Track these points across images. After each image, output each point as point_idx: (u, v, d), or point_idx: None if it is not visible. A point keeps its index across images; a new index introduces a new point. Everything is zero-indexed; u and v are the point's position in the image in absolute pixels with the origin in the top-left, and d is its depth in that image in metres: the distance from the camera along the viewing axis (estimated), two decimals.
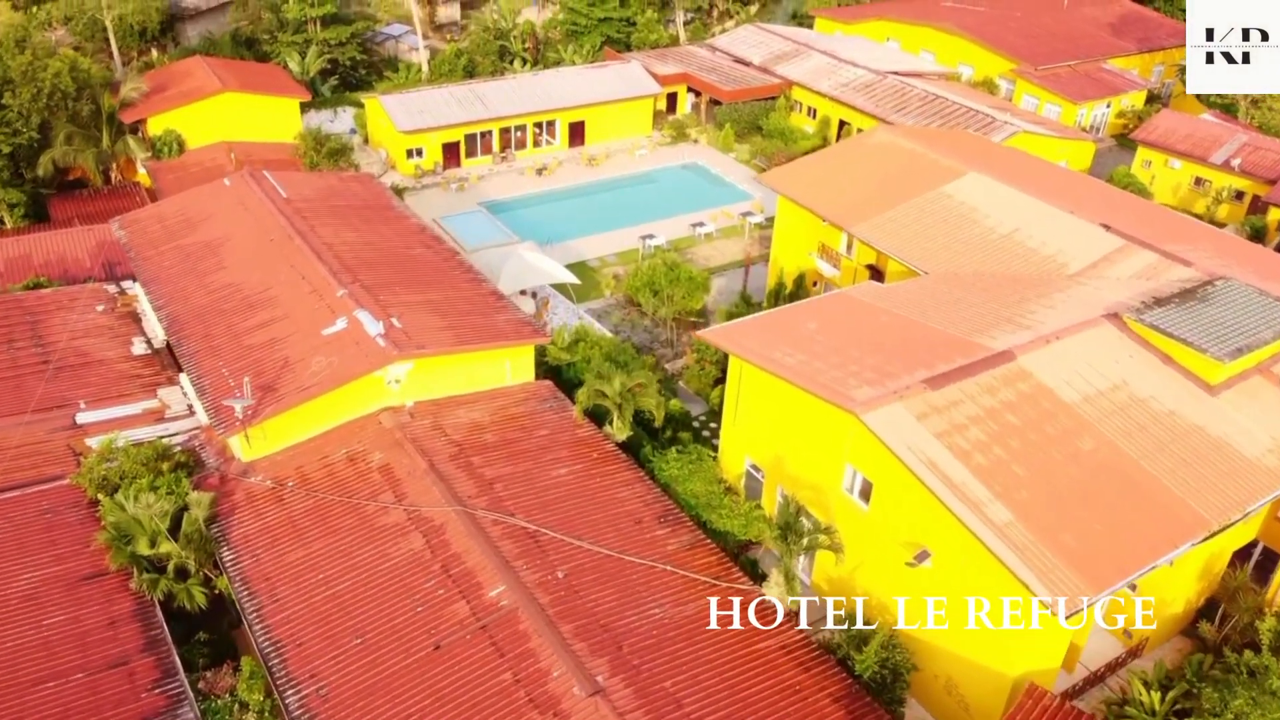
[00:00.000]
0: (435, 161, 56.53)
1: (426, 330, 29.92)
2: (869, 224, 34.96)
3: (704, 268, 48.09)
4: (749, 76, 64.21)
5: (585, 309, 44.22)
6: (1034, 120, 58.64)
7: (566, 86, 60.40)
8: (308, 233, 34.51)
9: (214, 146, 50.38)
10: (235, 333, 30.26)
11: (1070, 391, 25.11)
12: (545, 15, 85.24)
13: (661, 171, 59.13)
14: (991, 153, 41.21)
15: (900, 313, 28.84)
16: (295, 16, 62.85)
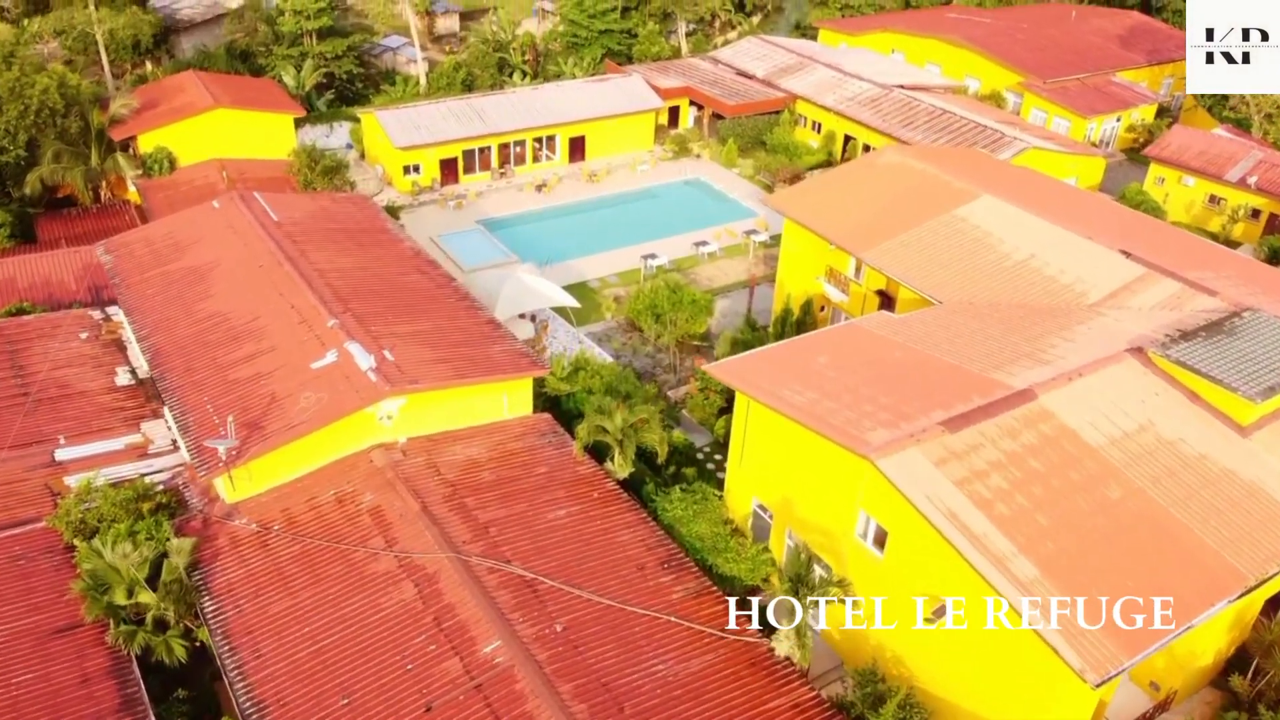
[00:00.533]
0: (433, 178, 55.40)
1: (420, 363, 28.73)
2: (879, 249, 33.78)
3: (707, 289, 46.92)
4: (752, 90, 63.11)
5: (585, 332, 43.04)
6: (1043, 135, 57.51)
7: (567, 101, 59.30)
8: (298, 258, 33.33)
9: (206, 164, 49.23)
10: (220, 366, 29.06)
11: (1095, 434, 23.88)
12: (545, 27, 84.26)
13: (663, 188, 58.00)
14: (1004, 173, 40.04)
15: (914, 346, 27.63)
16: (291, 30, 61.77)
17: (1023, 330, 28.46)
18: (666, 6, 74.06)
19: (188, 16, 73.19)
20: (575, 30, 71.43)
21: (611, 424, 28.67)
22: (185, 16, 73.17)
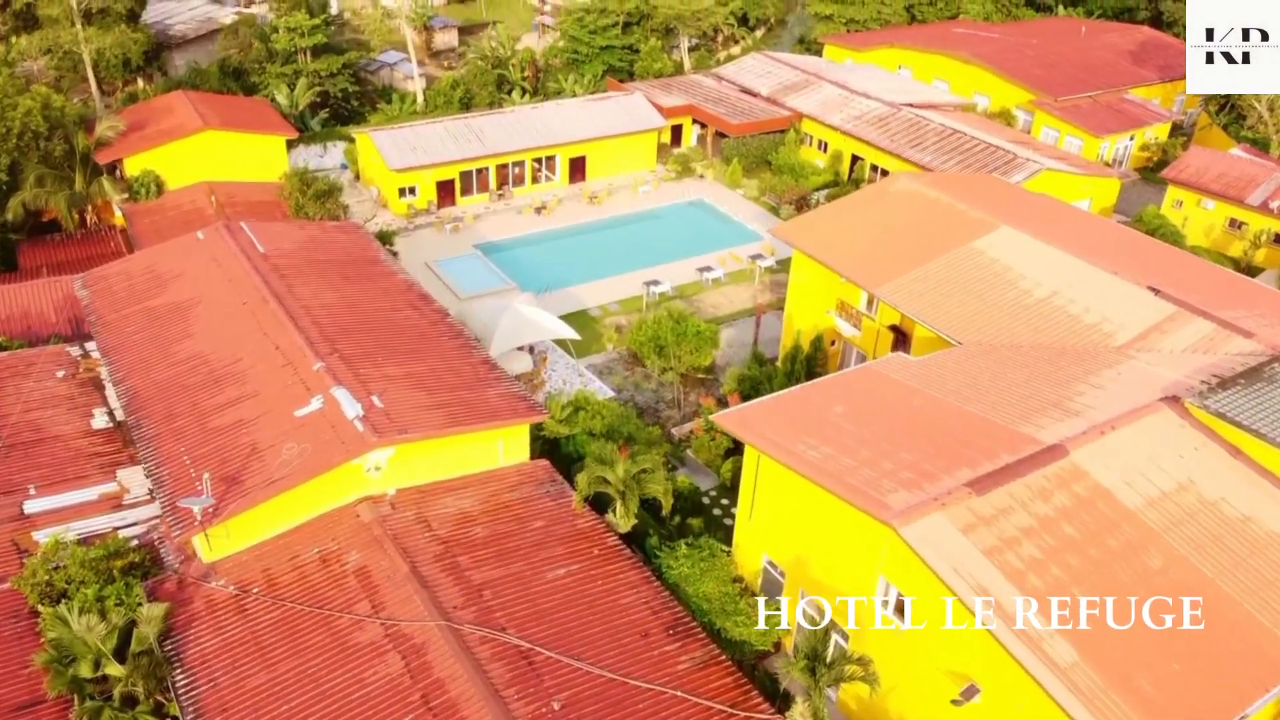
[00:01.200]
0: (429, 200, 53.90)
1: (411, 409, 27.14)
2: (894, 285, 32.21)
3: (711, 317, 45.39)
4: (757, 108, 61.64)
5: (585, 364, 41.48)
6: (1056, 155, 56.01)
7: (567, 120, 57.83)
8: (284, 294, 31.77)
9: (194, 187, 47.78)
10: (199, 412, 27.47)
11: (1132, 494, 22.27)
12: (545, 42, 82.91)
13: (666, 209, 56.46)
14: (1021, 201, 38.50)
15: (934, 393, 26.04)
16: (284, 47, 60.35)
17: (1049, 376, 26.86)
18: (669, 22, 72.64)
19: (181, 32, 71.84)
20: (576, 46, 70.02)
21: (613, 474, 27.08)
22: (178, 32, 71.83)
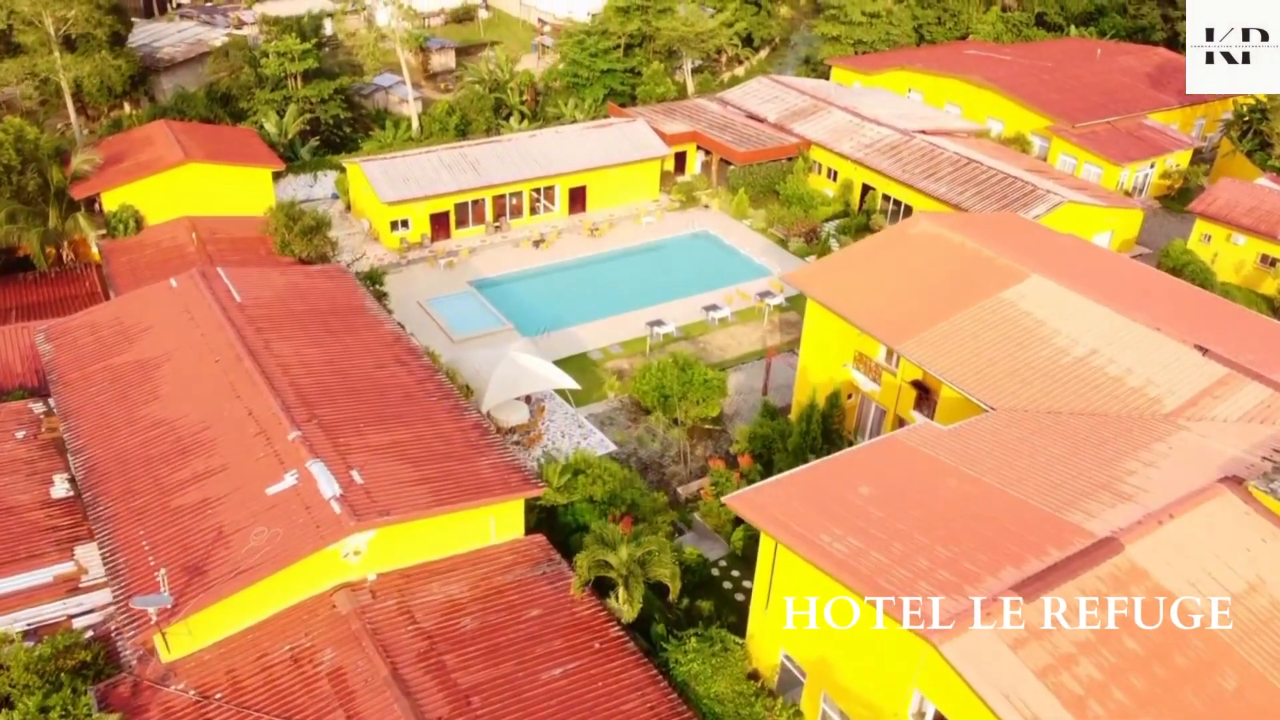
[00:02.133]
0: (422, 233, 51.65)
1: (394, 486, 24.78)
2: (918, 340, 29.86)
3: (718, 361, 43.10)
4: (763, 135, 59.45)
5: (586, 413, 39.14)
6: (1075, 185, 53.79)
7: (566, 149, 55.62)
8: (260, 351, 29.43)
9: (175, 223, 45.48)
10: (162, 489, 25.10)
11: (1197, 597, 19.85)
12: (544, 64, 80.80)
13: (670, 242, 54.20)
14: (1048, 243, 36.20)
15: (969, 471, 23.64)
16: (274, 73, 58.17)
17: (1093, 450, 24.48)
18: (672, 44, 70.54)
19: (169, 55, 69.78)
20: (576, 69, 67.88)
21: (615, 558, 24.69)
22: (166, 55, 69.76)
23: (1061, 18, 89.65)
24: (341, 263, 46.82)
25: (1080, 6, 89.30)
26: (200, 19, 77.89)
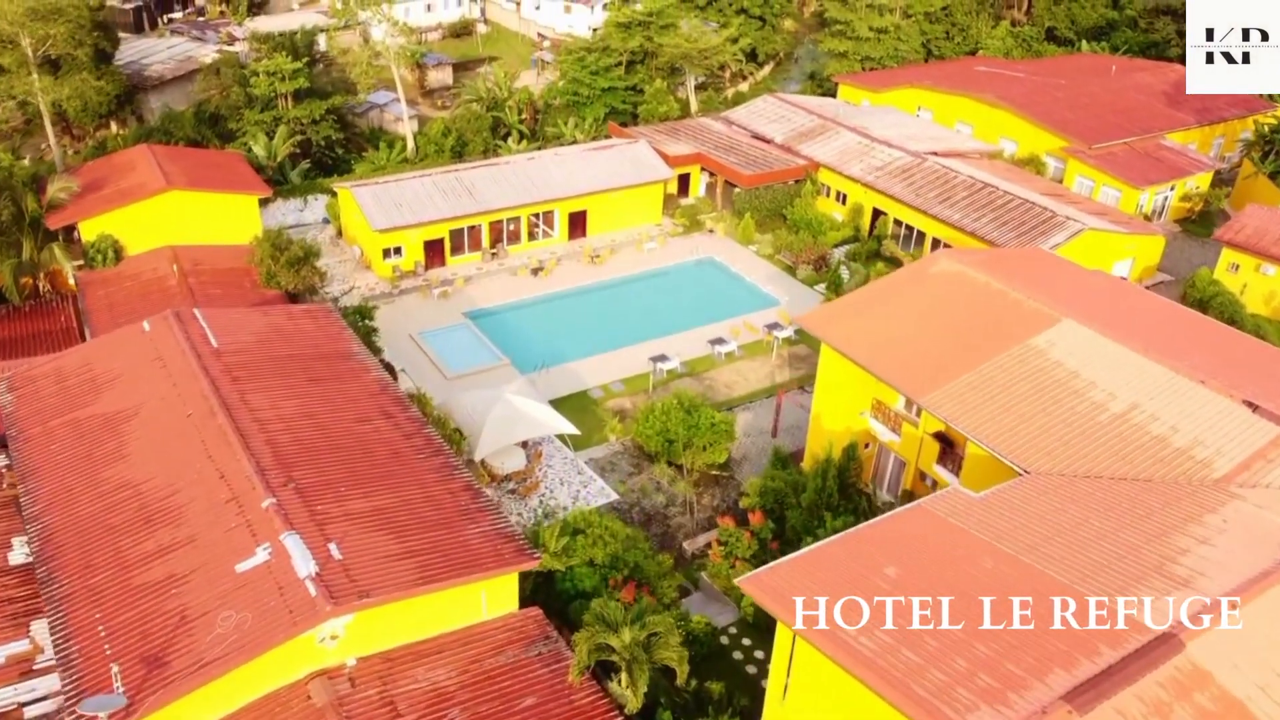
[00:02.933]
0: (416, 261, 49.65)
1: (375, 561, 22.70)
2: (943, 393, 27.79)
3: (725, 399, 41.09)
4: (770, 157, 57.48)
5: (586, 458, 37.08)
6: (1094, 210, 51.85)
7: (566, 172, 53.63)
8: (236, 405, 27.37)
9: (156, 253, 43.45)
10: (124, 564, 23.02)
11: (1269, 706, 17.74)
12: (544, 80, 78.92)
13: (673, 270, 52.17)
14: (1079, 283, 34.16)
15: (1004, 547, 21.55)
16: (263, 93, 56.20)
17: (1140, 523, 22.39)
18: (675, 61, 68.61)
19: (158, 73, 67.92)
20: (576, 88, 65.95)
21: (618, 641, 22.59)
22: (155, 73, 67.91)
23: (1072, 32, 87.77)
24: (330, 295, 44.93)
25: (1091, 21, 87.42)
26: (191, 35, 76.09)
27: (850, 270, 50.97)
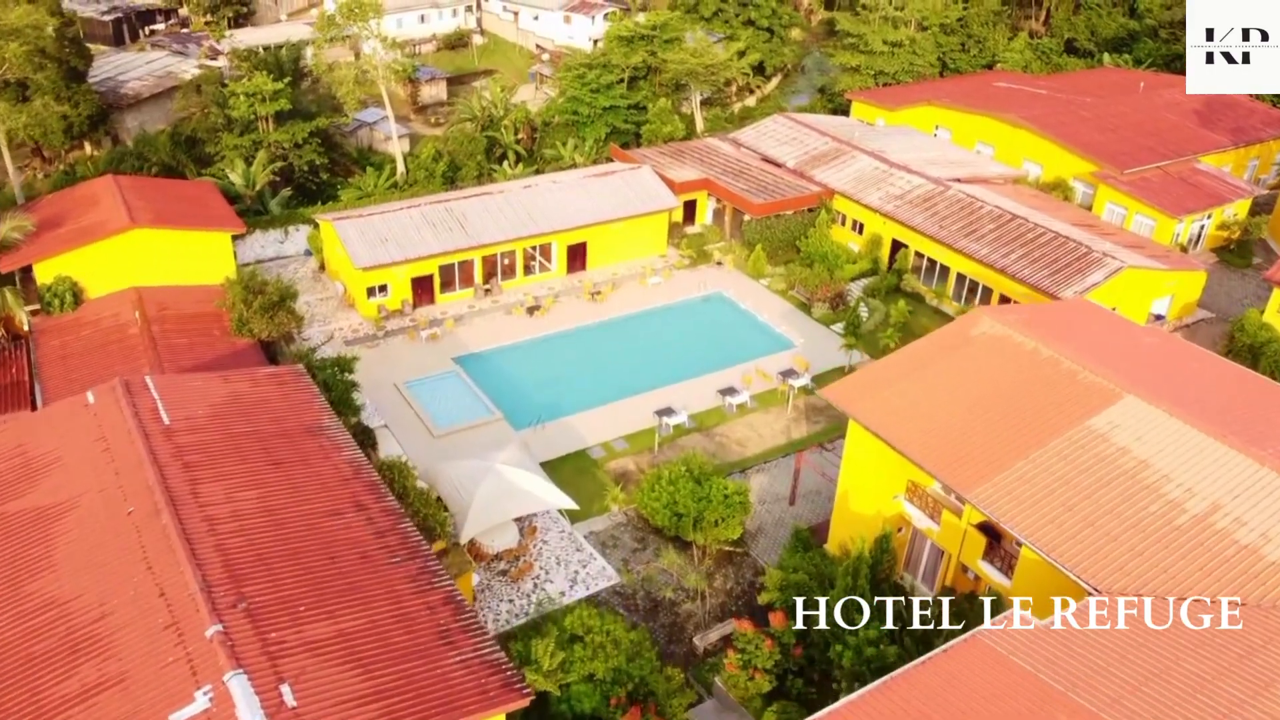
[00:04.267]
0: (403, 299, 46.22)
1: (337, 706, 19.26)
2: (993, 486, 24.34)
3: (737, 459, 37.72)
4: (781, 183, 54.02)
5: (585, 530, 33.68)
6: (1129, 243, 48.43)
7: (564, 201, 50.18)
8: (185, 499, 23.92)
9: (120, 296, 40.08)
10: (40, 708, 19.54)
11: None
12: (542, 95, 75.47)
13: (679, 307, 48.73)
14: (1132, 343, 30.75)
15: (1083, 701, 18.09)
16: (243, 115, 52.74)
17: (1243, 664, 18.95)
18: (679, 78, 65.15)
19: (135, 90, 64.47)
20: (576, 106, 62.45)
21: None
22: (132, 90, 64.46)
23: (1093, 44, 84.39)
24: (308, 344, 41.48)
25: (1111, 31, 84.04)
26: (172, 49, 72.66)
27: (869, 308, 47.57)
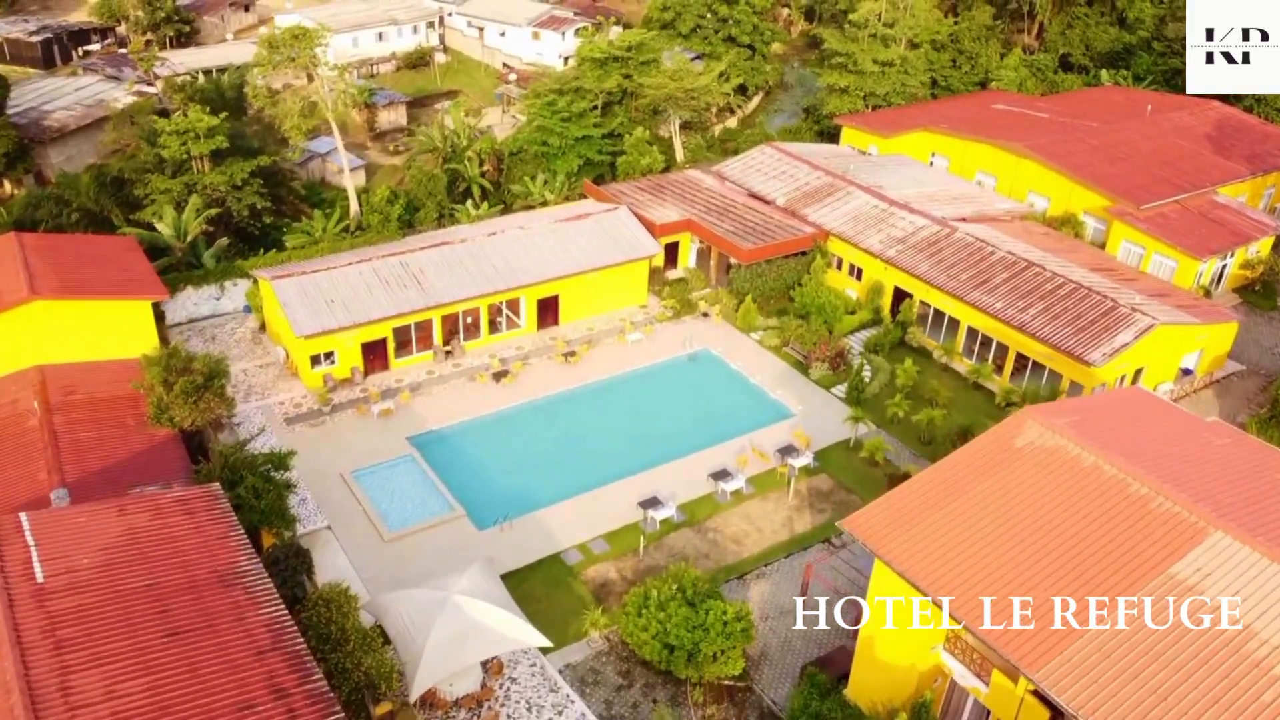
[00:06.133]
0: (353, 366, 41.05)
1: None
2: (1063, 663, 19.70)
3: (734, 560, 33.07)
4: (771, 224, 49.35)
5: (562, 663, 28.82)
6: (1155, 290, 44.21)
7: (534, 250, 45.20)
8: (48, 695, 18.84)
9: (20, 377, 34.76)
10: None
11: None
12: (509, 119, 70.42)
13: (663, 369, 43.81)
14: (1201, 446, 26.22)
15: None
16: (174, 155, 47.32)
17: None
18: (657, 104, 60.32)
19: (60, 121, 58.83)
20: (546, 137, 57.43)
21: None
22: (58, 121, 58.82)
23: (1087, 58, 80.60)
24: (242, 426, 36.34)
25: (1106, 45, 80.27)
26: (105, 73, 66.86)
27: (873, 367, 43.02)
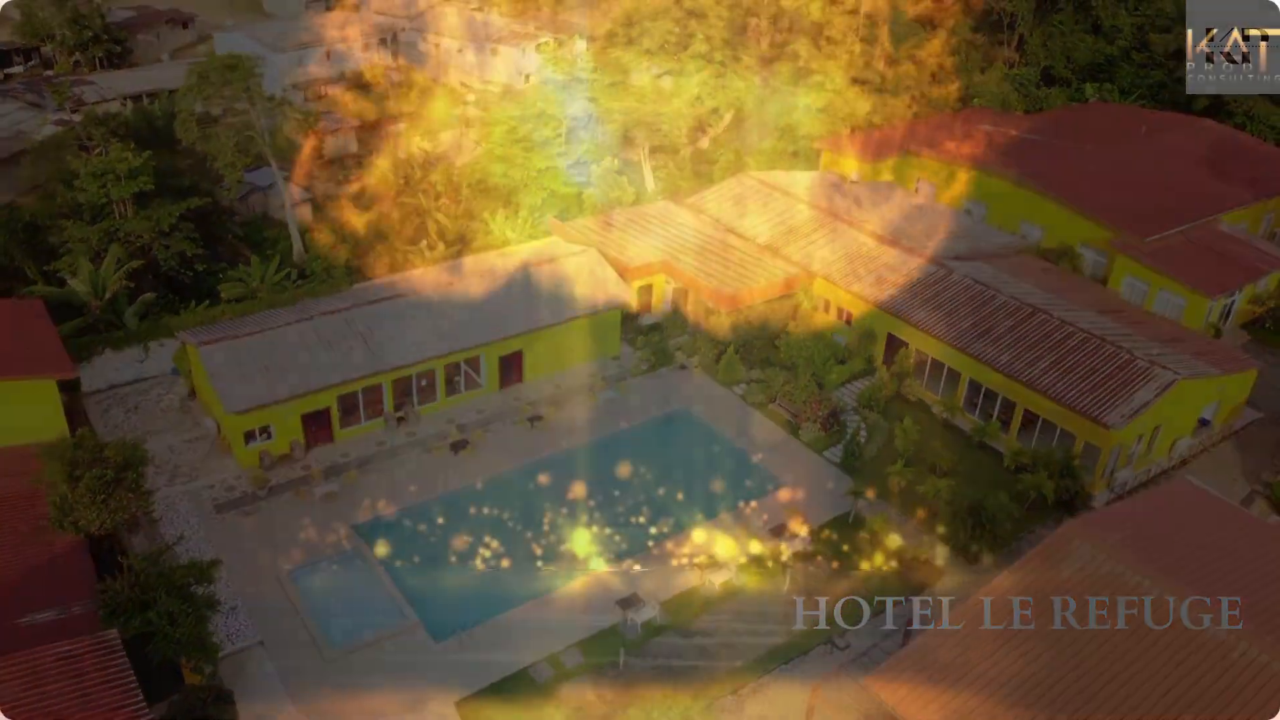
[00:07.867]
0: (292, 440, 36.62)
1: None
2: None
3: (725, 670, 29.06)
4: (749, 261, 45.59)
5: None
6: (1167, 335, 40.98)
7: (495, 302, 40.96)
8: None
9: None
10: None
11: None
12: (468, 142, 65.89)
13: (638, 432, 39.78)
14: (1269, 557, 22.68)
15: None
16: (92, 200, 42.54)
17: None
18: (627, 130, 56.29)
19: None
20: (506, 168, 53.19)
21: None
22: None
23: (1070, 71, 77.80)
24: (164, 521, 31.89)
25: (1087, 58, 77.45)
26: (27, 99, 61.60)
27: (868, 426, 39.36)
